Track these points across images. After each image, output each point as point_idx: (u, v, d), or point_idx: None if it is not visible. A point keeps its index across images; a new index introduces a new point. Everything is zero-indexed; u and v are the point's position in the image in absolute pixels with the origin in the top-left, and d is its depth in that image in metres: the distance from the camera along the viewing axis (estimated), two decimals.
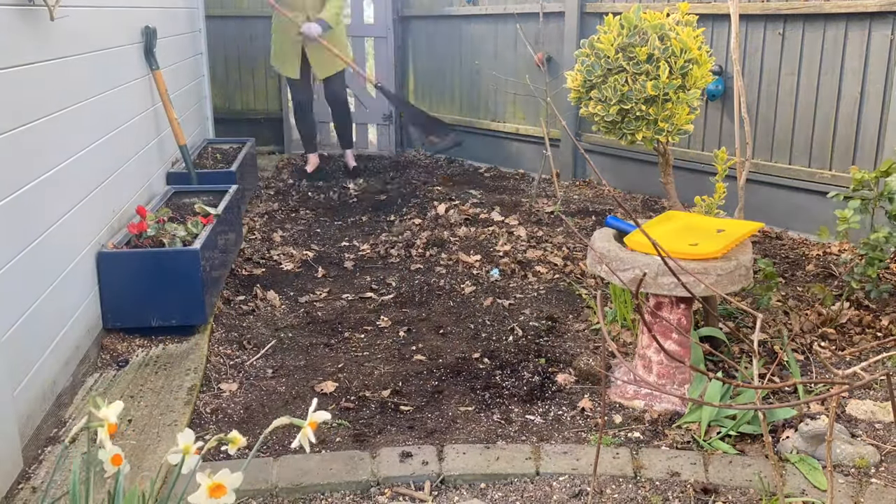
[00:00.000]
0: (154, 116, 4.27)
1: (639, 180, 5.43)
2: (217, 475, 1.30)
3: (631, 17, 3.01)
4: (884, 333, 3.16)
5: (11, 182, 2.42)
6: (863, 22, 4.11)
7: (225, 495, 1.28)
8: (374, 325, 3.40)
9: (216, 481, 1.29)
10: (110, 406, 1.36)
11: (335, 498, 2.25)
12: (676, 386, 2.72)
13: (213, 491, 1.29)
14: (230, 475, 1.30)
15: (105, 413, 1.35)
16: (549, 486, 2.28)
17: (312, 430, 1.40)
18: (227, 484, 1.29)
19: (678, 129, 2.99)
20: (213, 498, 1.28)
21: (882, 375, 1.09)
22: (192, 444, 1.37)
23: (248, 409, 2.74)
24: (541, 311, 3.52)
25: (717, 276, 2.51)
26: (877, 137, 4.15)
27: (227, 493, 1.29)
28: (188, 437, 1.37)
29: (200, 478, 1.30)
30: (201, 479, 1.29)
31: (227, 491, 1.29)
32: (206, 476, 1.30)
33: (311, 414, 1.38)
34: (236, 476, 1.31)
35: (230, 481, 1.30)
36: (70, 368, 2.80)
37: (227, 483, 1.29)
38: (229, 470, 1.33)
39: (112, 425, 1.36)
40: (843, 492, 2.21)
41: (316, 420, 1.38)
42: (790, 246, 4.35)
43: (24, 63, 2.56)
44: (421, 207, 5.16)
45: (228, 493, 1.29)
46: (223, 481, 1.29)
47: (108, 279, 3.14)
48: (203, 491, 1.28)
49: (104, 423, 1.34)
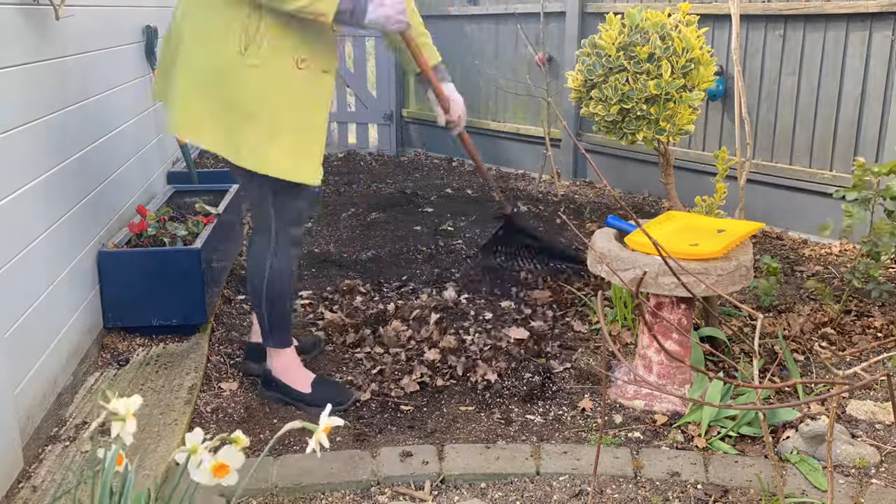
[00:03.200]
0: (154, 116, 4.27)
1: (639, 180, 5.42)
2: (219, 453, 1.30)
3: (632, 16, 3.01)
4: (884, 334, 3.16)
5: (12, 181, 2.42)
6: (863, 23, 4.11)
7: (228, 474, 1.29)
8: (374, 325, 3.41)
9: (219, 461, 1.30)
10: (129, 399, 1.36)
11: (335, 497, 2.25)
12: (677, 386, 2.72)
13: (217, 470, 1.30)
14: (234, 454, 1.31)
15: (115, 405, 1.35)
16: (549, 485, 2.28)
17: (325, 435, 1.39)
18: (231, 463, 1.30)
19: (679, 129, 2.99)
20: (216, 477, 1.29)
21: (882, 376, 1.09)
22: (199, 444, 1.37)
23: (249, 409, 2.74)
24: None
25: (718, 276, 2.52)
26: (877, 138, 4.15)
27: (231, 472, 1.30)
28: (197, 437, 1.38)
29: (203, 453, 1.31)
30: (203, 454, 1.30)
31: (231, 470, 1.30)
32: (210, 453, 1.31)
33: (324, 418, 1.38)
34: (239, 456, 1.32)
35: (233, 461, 1.31)
36: (71, 367, 2.80)
37: (230, 462, 1.30)
38: (232, 462, 1.33)
39: (131, 415, 1.36)
40: (844, 492, 2.21)
41: (329, 425, 1.38)
42: (790, 246, 4.35)
43: (29, 62, 2.57)
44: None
45: (231, 473, 1.30)
46: (226, 460, 1.30)
47: (109, 278, 3.14)
48: (207, 469, 1.29)
49: (124, 418, 1.34)
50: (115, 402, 1.35)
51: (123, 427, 1.34)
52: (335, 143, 7.37)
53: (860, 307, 3.41)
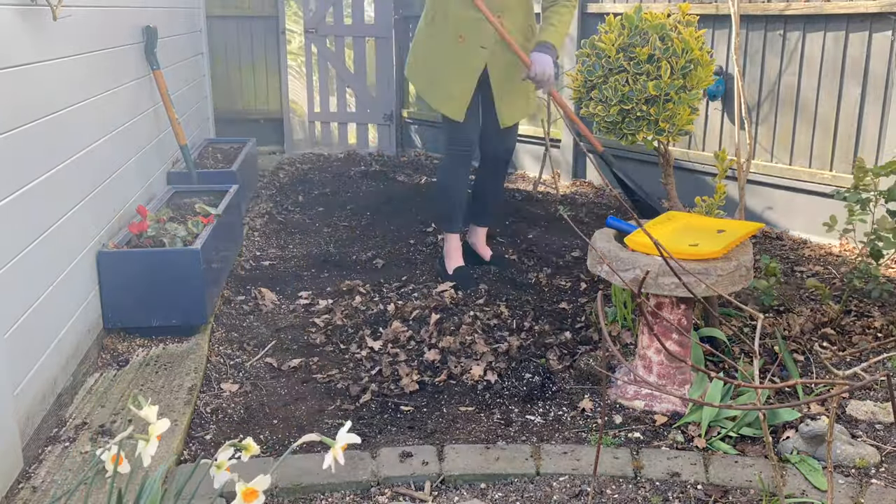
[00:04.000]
0: (154, 116, 4.27)
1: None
2: (252, 482, 1.33)
3: (632, 17, 3.01)
4: (884, 334, 3.16)
5: (12, 181, 2.42)
6: (863, 23, 4.12)
7: (257, 499, 1.32)
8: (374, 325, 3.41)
9: (250, 487, 1.32)
10: (157, 423, 1.38)
11: (335, 498, 2.25)
12: (677, 386, 2.72)
13: (247, 496, 1.32)
14: (263, 479, 1.33)
15: (147, 413, 1.37)
16: (549, 486, 2.28)
17: (342, 452, 1.40)
18: (259, 488, 1.32)
19: (679, 129, 2.99)
20: (246, 503, 1.31)
21: (882, 376, 1.09)
22: (226, 460, 1.39)
23: (249, 410, 2.74)
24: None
25: (718, 276, 2.52)
26: (877, 138, 4.15)
27: (259, 496, 1.33)
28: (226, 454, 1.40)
29: (235, 484, 1.34)
30: (235, 485, 1.33)
31: (259, 495, 1.33)
32: (239, 482, 1.33)
33: (342, 435, 1.39)
34: (266, 479, 1.35)
35: (261, 485, 1.33)
36: (70, 368, 2.80)
37: (259, 487, 1.32)
38: (243, 475, 1.34)
39: (157, 437, 1.38)
40: (844, 492, 2.21)
41: (347, 442, 1.39)
42: (790, 246, 4.35)
43: (26, 63, 2.56)
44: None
45: (259, 497, 1.33)
46: (256, 486, 1.32)
47: (109, 279, 3.14)
48: (238, 498, 1.32)
49: (149, 436, 1.36)
50: (147, 409, 1.37)
51: (146, 448, 1.35)
52: (335, 143, 7.37)
53: (860, 307, 3.41)
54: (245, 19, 7.00)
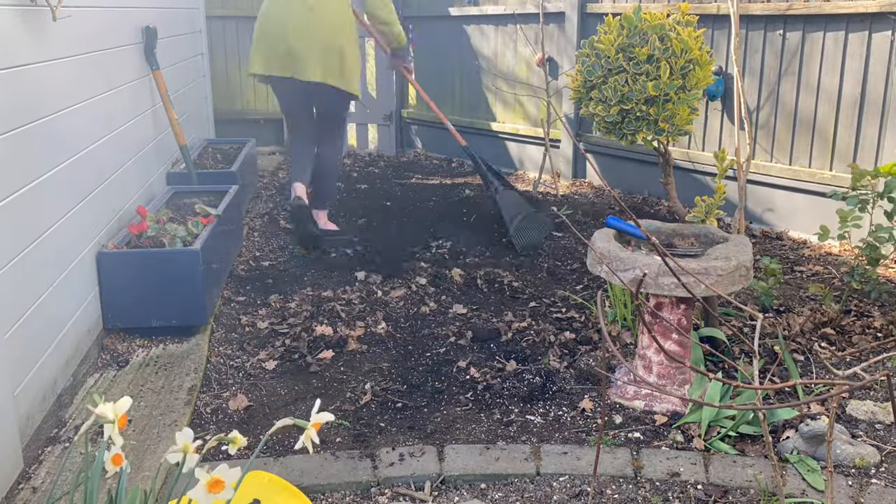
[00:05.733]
0: (154, 116, 4.27)
1: (639, 180, 5.43)
2: (215, 470, 1.30)
3: (631, 18, 3.01)
4: (884, 334, 3.16)
5: (12, 182, 2.42)
6: (863, 23, 4.12)
7: (223, 490, 1.29)
8: (371, 324, 3.41)
9: (214, 476, 1.30)
10: (118, 402, 1.36)
11: (335, 498, 2.25)
12: (676, 386, 2.72)
13: (212, 486, 1.29)
14: (228, 470, 1.31)
15: (103, 409, 1.35)
16: (549, 486, 2.28)
17: (315, 431, 1.39)
18: (226, 479, 1.30)
19: (679, 129, 2.99)
20: (211, 493, 1.29)
21: (882, 376, 1.09)
22: (191, 444, 1.37)
23: (249, 410, 2.74)
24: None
25: (718, 276, 2.52)
26: (877, 138, 4.15)
27: (226, 487, 1.29)
28: (187, 436, 1.38)
29: (199, 473, 1.30)
30: (199, 474, 1.30)
31: (226, 486, 1.29)
32: (205, 472, 1.30)
33: (314, 415, 1.38)
34: (234, 471, 1.31)
35: (228, 476, 1.30)
36: (70, 368, 2.80)
37: (225, 478, 1.30)
38: (228, 467, 1.33)
39: (123, 418, 1.36)
40: (844, 492, 2.21)
41: (319, 421, 1.38)
42: (790, 247, 4.35)
43: (26, 63, 2.57)
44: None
45: (227, 488, 1.29)
46: (221, 476, 1.30)
47: (109, 279, 3.14)
48: (202, 486, 1.29)
49: (115, 421, 1.34)
50: (103, 406, 1.36)
51: (115, 429, 1.34)
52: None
53: (860, 307, 3.41)
54: (245, 19, 6.99)
